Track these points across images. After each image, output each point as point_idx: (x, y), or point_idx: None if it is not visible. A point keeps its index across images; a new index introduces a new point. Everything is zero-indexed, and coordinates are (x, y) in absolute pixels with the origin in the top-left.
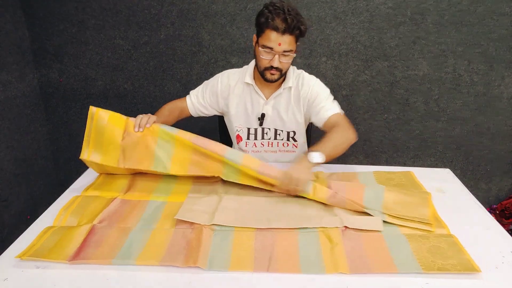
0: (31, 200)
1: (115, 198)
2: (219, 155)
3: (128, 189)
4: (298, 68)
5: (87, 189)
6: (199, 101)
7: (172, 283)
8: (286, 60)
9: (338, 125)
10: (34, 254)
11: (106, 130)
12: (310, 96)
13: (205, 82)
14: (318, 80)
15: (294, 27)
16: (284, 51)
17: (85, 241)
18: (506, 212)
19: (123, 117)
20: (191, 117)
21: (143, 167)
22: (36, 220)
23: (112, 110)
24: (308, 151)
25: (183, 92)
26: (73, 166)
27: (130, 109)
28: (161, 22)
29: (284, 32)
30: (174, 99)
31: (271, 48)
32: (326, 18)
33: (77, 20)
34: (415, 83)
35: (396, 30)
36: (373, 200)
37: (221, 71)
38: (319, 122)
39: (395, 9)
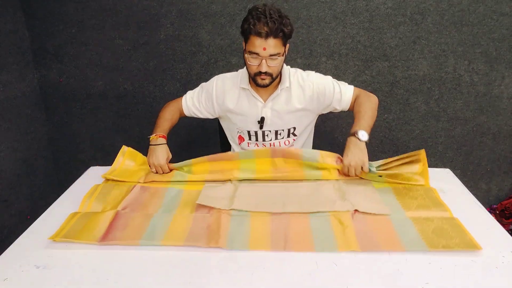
0: (31, 200)
1: (134, 185)
2: (232, 159)
3: (146, 177)
4: (299, 68)
5: (108, 174)
6: (194, 104)
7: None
8: (274, 63)
9: (358, 97)
10: (66, 235)
11: (131, 168)
12: (318, 90)
13: (202, 84)
14: (314, 72)
15: (277, 30)
16: (271, 55)
17: (111, 225)
18: (506, 212)
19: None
20: (190, 117)
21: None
22: (36, 220)
23: (112, 110)
24: (352, 133)
25: (183, 92)
26: (73, 166)
27: (130, 109)
28: (161, 22)
29: (267, 36)
30: (174, 99)
31: (257, 54)
32: (326, 18)
33: (77, 20)
34: (416, 83)
35: (396, 30)
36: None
37: (221, 71)
38: (345, 107)
39: (395, 9)
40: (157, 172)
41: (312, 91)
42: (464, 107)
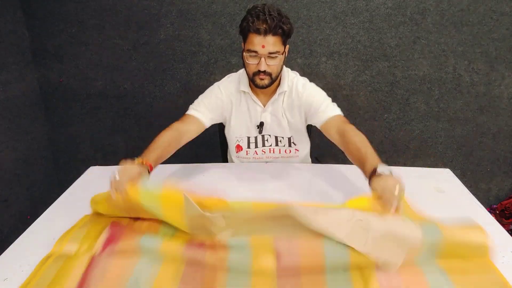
0: (31, 200)
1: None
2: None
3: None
4: (299, 68)
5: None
6: (206, 106)
7: None
8: (274, 62)
9: (350, 130)
10: None
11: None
12: (307, 99)
13: (202, 95)
14: (312, 84)
15: (276, 27)
16: (270, 53)
17: (86, 273)
18: (506, 212)
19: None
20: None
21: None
22: (36, 220)
23: (112, 110)
24: (369, 175)
25: (183, 92)
26: (73, 166)
27: (130, 109)
28: (161, 22)
29: (266, 33)
30: (174, 99)
31: (256, 52)
32: (326, 18)
33: (77, 20)
34: (416, 83)
35: (396, 30)
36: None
37: (221, 71)
38: (318, 123)
39: (395, 9)
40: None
41: (303, 97)
42: (464, 107)
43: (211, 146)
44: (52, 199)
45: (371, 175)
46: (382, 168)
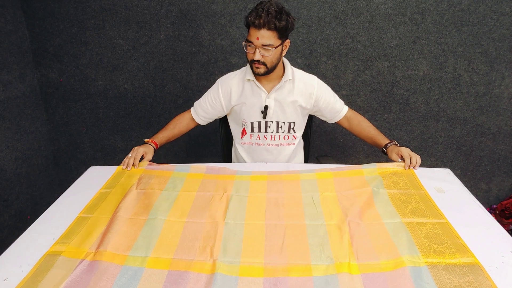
0: (31, 200)
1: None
2: (230, 174)
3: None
4: (299, 68)
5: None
6: (202, 107)
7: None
8: (267, 54)
9: (356, 117)
10: None
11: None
12: (318, 93)
13: (206, 92)
14: (317, 78)
15: (269, 23)
16: (263, 45)
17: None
18: (506, 212)
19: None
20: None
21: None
22: (36, 220)
23: (112, 110)
24: (387, 144)
25: (183, 92)
26: (73, 166)
27: (130, 109)
28: (161, 22)
29: (260, 27)
30: (174, 99)
31: (251, 43)
32: (326, 18)
33: (77, 20)
34: (416, 83)
35: (396, 30)
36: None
37: (221, 71)
38: (332, 120)
39: (395, 9)
40: (127, 167)
41: (313, 91)
42: (464, 107)
43: (211, 146)
44: (52, 199)
45: (389, 145)
46: (396, 142)
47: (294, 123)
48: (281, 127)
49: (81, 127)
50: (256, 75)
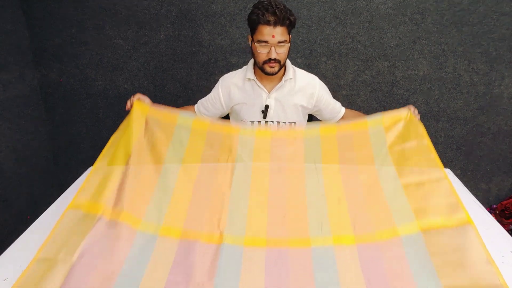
0: (31, 200)
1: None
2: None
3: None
4: (299, 68)
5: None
6: (204, 105)
7: None
8: (282, 50)
9: (351, 110)
10: None
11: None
12: (320, 94)
13: (210, 93)
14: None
15: (284, 18)
16: (279, 42)
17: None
18: (506, 212)
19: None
20: None
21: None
22: (36, 220)
23: (112, 110)
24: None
25: (183, 92)
26: (73, 166)
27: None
28: (161, 22)
29: (275, 24)
30: (174, 99)
31: (266, 42)
32: (326, 18)
33: (77, 20)
34: (416, 83)
35: (396, 30)
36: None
37: (221, 71)
38: (333, 119)
39: (395, 9)
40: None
41: (314, 91)
42: (464, 107)
43: None
44: (52, 199)
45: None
46: None
47: (294, 123)
48: (281, 127)
49: (81, 127)
50: (270, 75)
